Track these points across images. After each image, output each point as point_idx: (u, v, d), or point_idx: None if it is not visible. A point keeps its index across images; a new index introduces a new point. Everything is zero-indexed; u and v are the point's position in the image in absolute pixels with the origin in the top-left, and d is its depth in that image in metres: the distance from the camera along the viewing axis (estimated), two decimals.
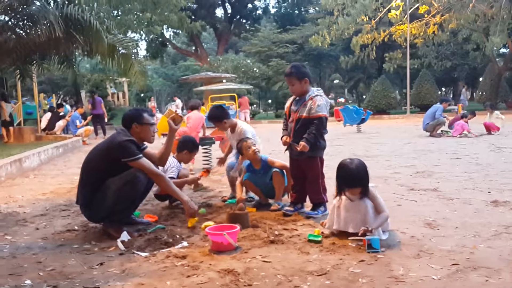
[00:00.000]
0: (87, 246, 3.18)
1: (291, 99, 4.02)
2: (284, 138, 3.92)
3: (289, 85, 3.91)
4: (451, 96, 45.63)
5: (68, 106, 20.45)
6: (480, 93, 29.06)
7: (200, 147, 5.54)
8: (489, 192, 4.54)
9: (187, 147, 4.59)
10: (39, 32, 8.22)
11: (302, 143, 3.65)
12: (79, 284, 2.46)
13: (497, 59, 28.87)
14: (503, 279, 2.32)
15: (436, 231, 3.24)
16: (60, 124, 15.27)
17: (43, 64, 10.50)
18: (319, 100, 3.73)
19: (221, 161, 4.94)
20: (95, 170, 3.42)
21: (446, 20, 23.97)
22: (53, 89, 33.84)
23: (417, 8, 24.42)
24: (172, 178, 4.37)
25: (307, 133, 3.68)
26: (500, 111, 13.16)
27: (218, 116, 4.61)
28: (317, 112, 3.70)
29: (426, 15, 24.80)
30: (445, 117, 11.76)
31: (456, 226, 3.32)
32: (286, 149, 3.97)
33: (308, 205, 4.00)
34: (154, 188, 4.25)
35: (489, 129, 11.51)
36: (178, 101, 24.83)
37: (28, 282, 2.51)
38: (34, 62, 10.35)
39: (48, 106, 18.56)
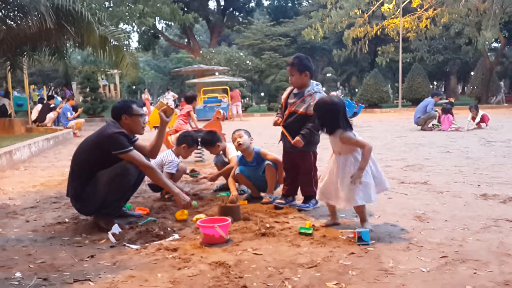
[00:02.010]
0: (78, 239, 3.18)
1: (288, 90, 3.97)
2: (276, 118, 3.90)
3: (289, 75, 3.85)
4: (443, 90, 45.88)
5: (59, 98, 20.31)
6: (471, 87, 29.24)
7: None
8: (478, 185, 4.58)
9: (186, 141, 4.58)
10: (30, 23, 8.14)
11: (297, 138, 3.64)
12: (69, 276, 2.45)
13: (488, 54, 29.06)
14: (491, 271, 2.35)
15: (426, 224, 3.26)
16: (51, 116, 15.16)
17: (34, 56, 10.39)
18: (318, 97, 3.66)
19: (212, 178, 4.79)
20: (85, 162, 3.40)
21: (439, 14, 24.08)
22: (44, 81, 33.57)
23: (410, 2, 24.51)
24: (172, 174, 4.38)
25: (305, 128, 3.66)
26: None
27: (211, 141, 4.69)
28: None
29: (418, 9, 24.90)
30: (436, 111, 11.83)
31: (445, 219, 3.35)
32: (280, 140, 3.97)
33: (299, 198, 4.01)
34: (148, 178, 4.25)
35: (482, 121, 11.58)
36: (171, 94, 24.68)
37: (18, 274, 2.50)
38: (25, 53, 10.24)
39: (38, 98, 18.41)
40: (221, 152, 4.85)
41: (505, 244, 2.75)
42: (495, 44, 34.00)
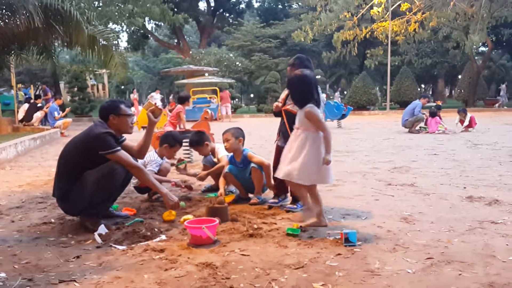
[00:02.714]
0: (64, 239, 3.15)
1: (286, 91, 3.94)
2: (277, 103, 3.91)
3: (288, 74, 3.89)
4: (431, 93, 46.32)
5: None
6: (458, 90, 29.57)
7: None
8: (464, 187, 4.63)
9: (167, 141, 4.55)
10: (18, 22, 8.06)
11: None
12: (54, 277, 2.43)
13: (476, 58, 29.42)
14: (476, 273, 2.37)
15: (412, 225, 3.29)
16: (38, 115, 15.00)
17: (22, 55, 10.28)
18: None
19: (201, 177, 4.76)
20: (72, 162, 3.37)
21: (427, 18, 24.30)
22: (32, 80, 33.21)
23: (399, 5, 24.70)
24: (154, 172, 4.36)
25: None
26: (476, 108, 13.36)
27: (199, 141, 4.67)
28: None
29: (407, 13, 25.09)
30: (423, 113, 11.95)
31: (431, 221, 3.38)
32: (277, 140, 4.00)
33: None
34: (134, 181, 4.22)
35: (469, 125, 11.74)
36: (159, 94, 24.59)
37: (2, 274, 2.47)
38: (12, 52, 10.13)
39: (25, 97, 18.20)
40: (210, 152, 4.84)
41: (490, 246, 2.78)
42: (482, 48, 34.45)
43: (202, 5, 43.75)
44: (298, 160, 3.18)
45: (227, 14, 43.42)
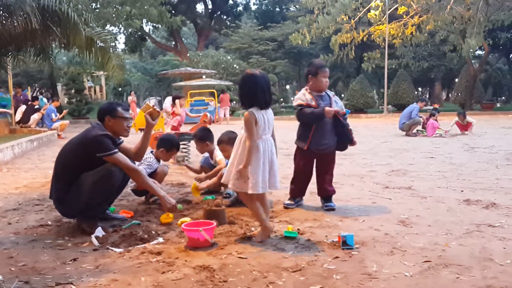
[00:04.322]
0: (60, 242, 3.13)
1: (307, 95, 3.98)
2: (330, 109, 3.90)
3: (325, 78, 4.00)
4: (428, 96, 46.43)
5: (44, 99, 20.05)
6: (455, 94, 29.65)
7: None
8: (461, 191, 4.64)
9: (163, 145, 4.53)
10: (15, 24, 8.02)
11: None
12: (51, 279, 2.42)
13: (472, 61, 29.49)
14: (473, 276, 2.38)
15: (409, 228, 3.29)
16: (35, 117, 14.96)
17: (19, 56, 10.24)
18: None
19: (200, 180, 4.73)
20: (69, 164, 3.36)
21: (424, 21, 24.35)
22: (29, 82, 33.17)
23: (396, 9, 24.73)
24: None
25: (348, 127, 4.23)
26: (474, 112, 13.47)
27: (204, 137, 4.77)
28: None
29: (404, 16, 25.13)
30: (421, 117, 11.98)
31: (429, 224, 3.39)
32: (308, 143, 4.00)
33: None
34: (132, 184, 4.21)
35: (465, 128, 11.80)
36: (154, 101, 24.68)
37: None
38: (9, 53, 10.08)
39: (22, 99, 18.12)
40: (208, 154, 4.84)
41: (488, 249, 2.79)
42: (479, 52, 34.54)
43: (200, 8, 43.84)
44: (233, 163, 3.12)
45: (225, 17, 43.44)
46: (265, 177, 3.03)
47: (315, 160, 4.07)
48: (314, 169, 4.11)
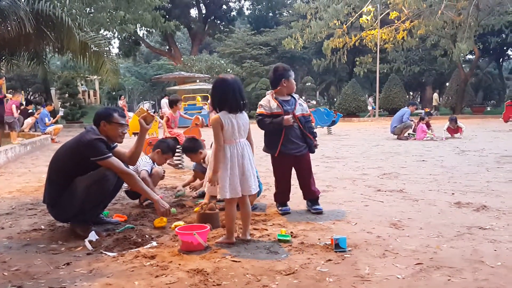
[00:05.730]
0: (54, 246, 3.13)
1: (272, 100, 3.97)
2: (287, 117, 3.85)
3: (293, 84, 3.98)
4: (419, 100, 46.69)
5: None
6: (446, 98, 29.88)
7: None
8: (452, 193, 4.69)
9: (160, 147, 4.56)
10: (9, 28, 8.00)
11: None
12: (44, 284, 2.42)
13: (463, 65, 29.75)
14: (465, 278, 2.40)
15: (401, 231, 3.32)
16: (29, 121, 14.90)
17: (13, 60, 10.21)
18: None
19: (195, 187, 4.80)
20: (63, 168, 3.36)
21: (415, 26, 24.57)
22: (23, 86, 33.01)
23: (388, 14, 24.91)
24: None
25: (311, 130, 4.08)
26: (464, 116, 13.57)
27: (192, 148, 4.69)
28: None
29: (396, 21, 25.32)
30: (412, 120, 12.07)
31: (420, 227, 3.42)
32: (279, 149, 3.99)
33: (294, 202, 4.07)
34: (126, 185, 4.21)
35: (455, 131, 11.93)
36: (148, 105, 24.60)
37: None
38: (3, 58, 10.05)
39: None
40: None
41: (479, 252, 2.82)
42: (469, 56, 34.83)
43: (194, 12, 43.88)
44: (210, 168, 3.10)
45: (219, 21, 43.47)
46: (234, 182, 3.00)
47: (292, 165, 4.01)
48: (295, 174, 4.08)
